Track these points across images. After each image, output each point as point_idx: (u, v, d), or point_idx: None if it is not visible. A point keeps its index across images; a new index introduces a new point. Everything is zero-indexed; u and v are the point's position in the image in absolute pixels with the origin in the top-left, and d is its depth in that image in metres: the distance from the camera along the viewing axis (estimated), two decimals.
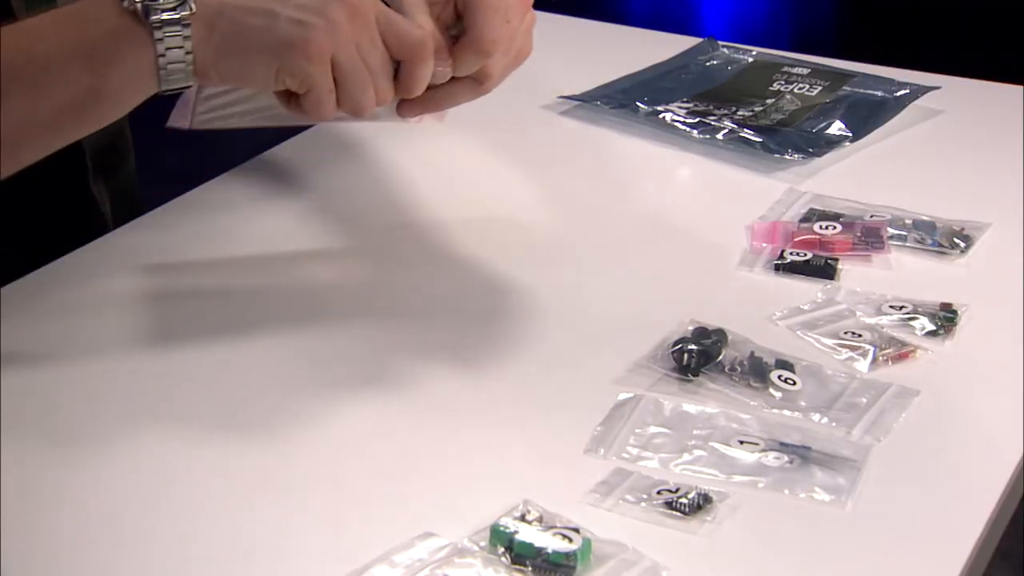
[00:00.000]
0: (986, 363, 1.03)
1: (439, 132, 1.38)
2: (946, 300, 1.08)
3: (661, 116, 1.37)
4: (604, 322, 1.07)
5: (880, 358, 1.02)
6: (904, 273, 1.14)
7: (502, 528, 0.83)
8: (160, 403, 0.98)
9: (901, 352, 1.02)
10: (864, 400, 0.97)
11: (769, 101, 1.41)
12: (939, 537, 0.86)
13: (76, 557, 0.84)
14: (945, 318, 1.06)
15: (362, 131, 1.38)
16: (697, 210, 1.26)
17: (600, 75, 1.46)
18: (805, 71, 1.48)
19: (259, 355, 1.03)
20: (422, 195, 1.27)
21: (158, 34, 0.93)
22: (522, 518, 0.84)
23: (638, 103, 1.39)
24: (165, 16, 0.93)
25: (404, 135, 1.37)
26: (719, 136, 1.34)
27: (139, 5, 0.93)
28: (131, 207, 1.27)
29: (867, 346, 1.02)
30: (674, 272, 1.15)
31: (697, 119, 1.37)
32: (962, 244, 1.17)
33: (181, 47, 0.94)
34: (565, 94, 1.43)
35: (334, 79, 0.95)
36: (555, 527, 0.83)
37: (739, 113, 1.38)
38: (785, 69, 1.49)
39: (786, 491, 0.89)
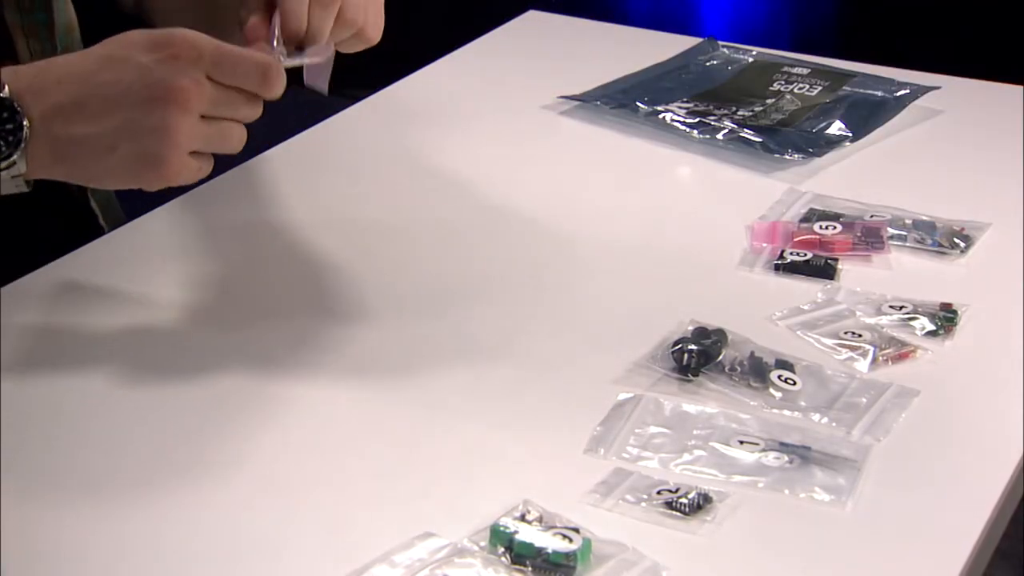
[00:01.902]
0: (986, 363, 1.03)
1: (439, 132, 1.38)
2: (946, 300, 1.08)
3: (661, 116, 1.37)
4: (604, 322, 1.07)
5: (880, 358, 1.02)
6: (904, 273, 1.14)
7: (502, 528, 0.83)
8: (159, 402, 0.98)
9: (901, 352, 1.02)
10: (864, 400, 0.97)
11: (769, 101, 1.41)
12: (939, 537, 0.86)
13: (76, 557, 0.84)
14: (945, 318, 1.06)
15: (361, 131, 1.38)
16: (697, 210, 1.26)
17: (600, 75, 1.46)
18: (805, 71, 1.48)
19: (259, 355, 1.03)
20: (421, 194, 1.27)
21: None
22: (522, 518, 0.84)
23: (638, 103, 1.39)
24: None
25: (404, 135, 1.37)
26: (719, 136, 1.34)
27: None
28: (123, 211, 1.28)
29: (867, 346, 1.02)
30: (674, 272, 1.15)
31: (697, 119, 1.37)
32: (962, 244, 1.17)
33: (19, 186, 0.93)
34: (565, 94, 1.43)
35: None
36: (555, 527, 0.83)
37: (739, 113, 1.38)
38: (785, 69, 1.49)
39: (786, 491, 0.89)
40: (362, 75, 1.20)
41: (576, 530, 0.83)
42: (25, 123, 0.91)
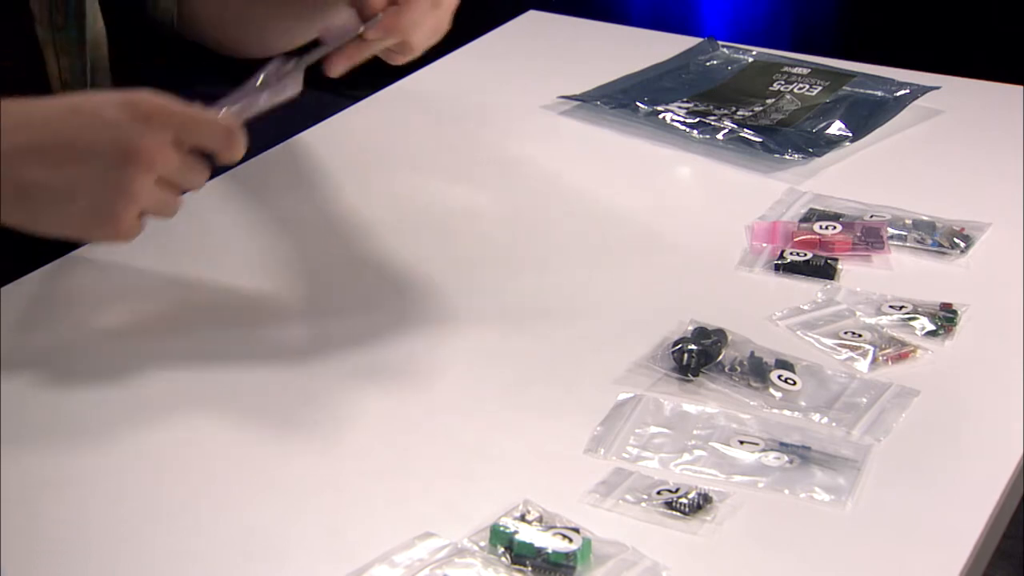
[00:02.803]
0: (986, 363, 1.03)
1: (439, 132, 1.38)
2: (946, 300, 1.08)
3: (661, 116, 1.37)
4: (604, 322, 1.07)
5: (880, 358, 1.02)
6: (904, 273, 1.14)
7: (502, 528, 0.83)
8: (159, 403, 0.98)
9: (901, 352, 1.02)
10: (864, 400, 0.97)
11: (769, 101, 1.41)
12: (939, 537, 0.86)
13: (76, 557, 0.84)
14: (945, 318, 1.06)
15: (361, 131, 1.38)
16: (697, 210, 1.26)
17: (600, 75, 1.46)
18: (805, 71, 1.48)
19: (259, 356, 1.03)
20: (421, 194, 1.27)
21: None
22: (522, 518, 0.84)
23: (638, 103, 1.39)
24: None
25: (404, 135, 1.37)
26: (719, 136, 1.34)
27: None
28: None
29: (867, 346, 1.02)
30: (674, 272, 1.15)
31: (697, 119, 1.37)
32: (962, 244, 1.17)
33: None
34: (565, 94, 1.43)
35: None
36: (555, 527, 0.83)
37: (739, 113, 1.38)
38: (785, 69, 1.49)
39: (786, 491, 0.89)
40: (362, 75, 1.20)
41: (576, 530, 0.83)
42: None
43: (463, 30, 1.59)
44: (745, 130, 1.34)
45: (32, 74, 1.13)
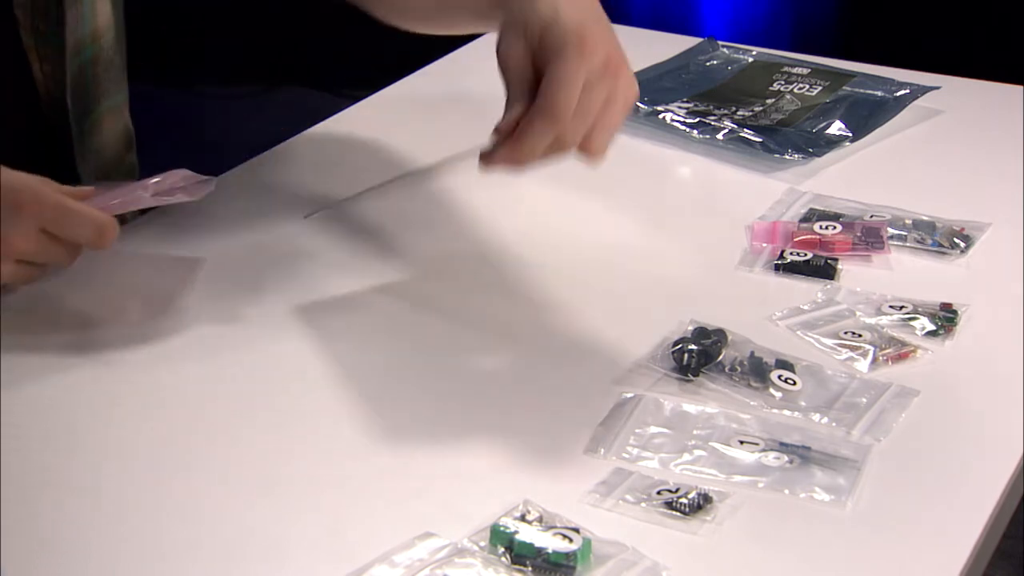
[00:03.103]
0: (986, 363, 1.03)
1: (439, 132, 1.38)
2: (946, 300, 1.08)
3: (661, 116, 1.37)
4: (604, 322, 1.07)
5: (880, 358, 1.02)
6: (904, 273, 1.14)
7: (502, 528, 0.83)
8: (160, 402, 0.98)
9: (901, 352, 1.02)
10: (864, 400, 0.97)
11: (769, 101, 1.41)
12: (939, 537, 0.86)
13: (76, 557, 0.84)
14: (945, 318, 1.06)
15: (361, 131, 1.38)
16: (697, 210, 1.26)
17: None
18: (805, 71, 1.48)
19: (259, 355, 1.03)
20: (420, 194, 1.26)
21: None
22: (522, 518, 0.84)
23: (638, 103, 1.39)
24: None
25: (403, 135, 1.37)
26: (719, 136, 1.34)
27: None
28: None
29: (867, 346, 1.02)
30: (674, 272, 1.15)
31: (697, 119, 1.37)
32: (962, 244, 1.17)
33: None
34: None
35: None
36: (555, 527, 0.83)
37: (739, 113, 1.38)
38: (785, 69, 1.49)
39: (786, 491, 0.89)
40: (362, 75, 1.20)
41: (576, 530, 0.83)
42: None
43: None
44: (745, 130, 1.34)
45: (19, 79, 1.14)
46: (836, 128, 1.36)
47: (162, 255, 1.15)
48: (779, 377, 0.98)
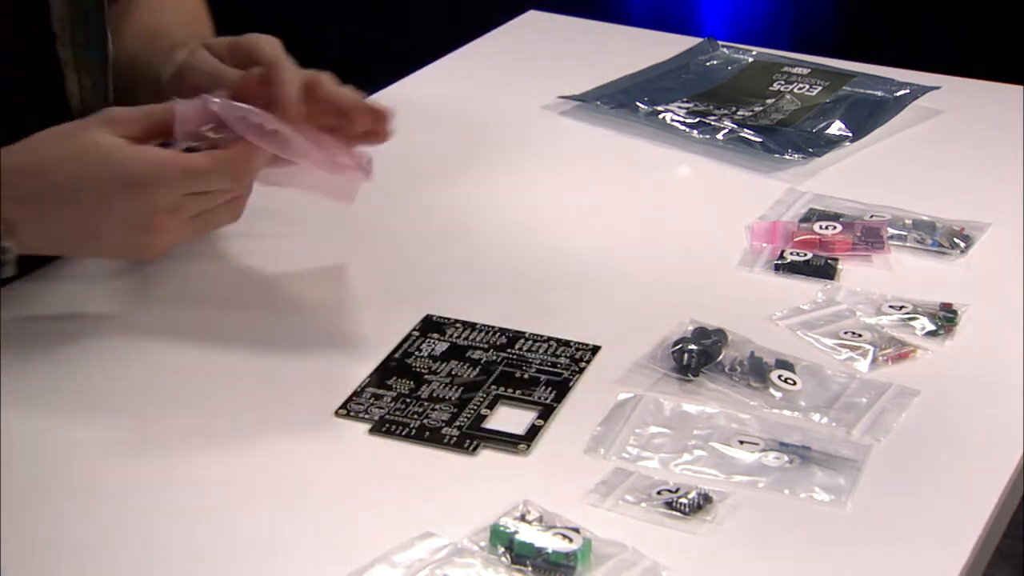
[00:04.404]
0: (986, 363, 1.03)
1: (438, 132, 1.38)
2: (946, 300, 1.08)
3: (661, 116, 1.38)
4: (604, 322, 1.07)
5: (880, 358, 1.02)
6: (904, 273, 1.14)
7: (502, 528, 0.83)
8: (160, 403, 0.98)
9: (901, 352, 1.02)
10: (864, 400, 0.97)
11: (769, 101, 1.42)
12: (939, 537, 0.86)
13: (76, 557, 0.84)
14: (945, 318, 1.06)
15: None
16: (697, 210, 1.26)
17: (600, 75, 1.46)
18: (805, 71, 1.48)
19: (259, 354, 1.03)
20: (420, 195, 1.27)
21: None
22: (522, 518, 0.84)
23: (638, 103, 1.40)
24: None
25: (403, 135, 1.37)
26: (719, 136, 1.34)
27: None
28: None
29: (867, 346, 1.02)
30: (674, 272, 1.15)
31: (697, 119, 1.37)
32: (962, 244, 1.17)
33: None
34: (565, 94, 1.43)
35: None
36: (555, 527, 0.83)
37: (739, 113, 1.38)
38: (785, 69, 1.49)
39: (786, 491, 0.89)
40: (362, 75, 1.20)
41: (576, 530, 0.83)
42: None
43: (463, 30, 1.59)
44: (745, 130, 1.34)
45: (51, 91, 1.15)
46: (836, 128, 1.36)
47: None
48: (779, 377, 0.98)
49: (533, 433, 0.94)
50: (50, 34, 1.13)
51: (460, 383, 0.98)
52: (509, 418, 0.96)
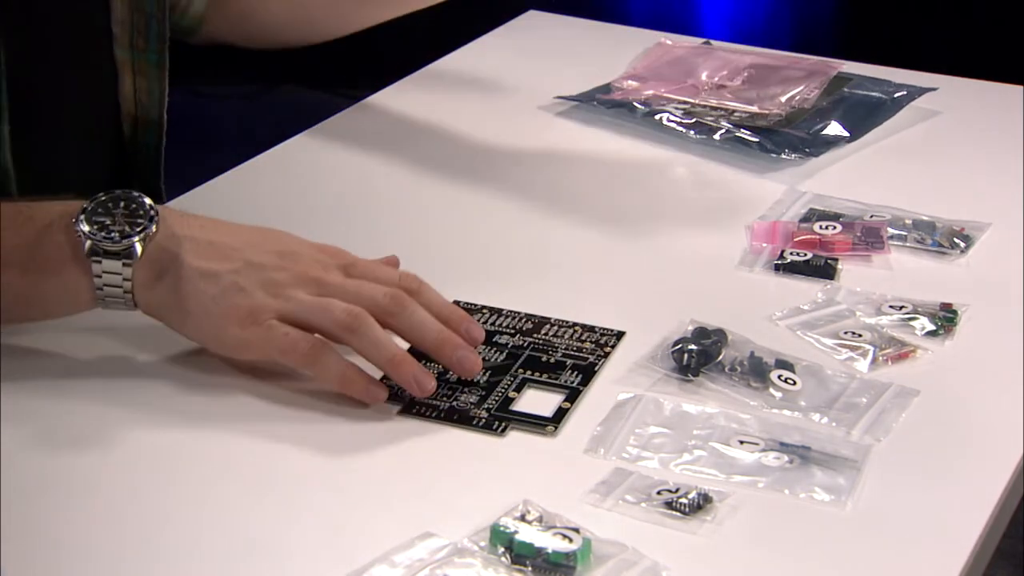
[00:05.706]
0: (986, 363, 1.03)
1: (438, 132, 1.38)
2: (946, 300, 1.08)
3: (657, 117, 1.37)
4: (603, 322, 1.07)
5: (880, 358, 1.02)
6: (904, 273, 1.14)
7: (502, 528, 0.83)
8: (160, 403, 0.98)
9: (901, 352, 1.02)
10: (864, 400, 0.97)
11: None
12: (939, 537, 0.86)
13: (76, 557, 0.84)
14: (945, 318, 1.06)
15: (361, 131, 1.38)
16: (696, 210, 1.26)
17: (599, 75, 1.46)
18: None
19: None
20: (419, 195, 1.27)
21: (96, 267, 0.95)
22: (522, 518, 0.84)
23: (635, 103, 1.39)
24: (107, 247, 0.94)
25: (403, 135, 1.37)
26: (715, 136, 1.34)
27: (84, 231, 0.94)
28: None
29: (867, 346, 1.02)
30: (674, 272, 1.15)
31: (694, 119, 1.37)
32: (962, 244, 1.17)
33: (120, 286, 0.96)
34: (562, 94, 1.43)
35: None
36: (555, 527, 0.83)
37: (736, 114, 1.38)
38: None
39: (786, 491, 0.89)
40: (362, 75, 1.20)
41: (576, 530, 0.83)
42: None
43: (463, 30, 1.59)
44: (742, 130, 1.34)
45: (105, 91, 1.16)
46: (833, 129, 1.36)
47: None
48: (779, 377, 0.98)
49: (560, 415, 0.94)
50: (109, 35, 1.14)
51: (488, 367, 0.99)
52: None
